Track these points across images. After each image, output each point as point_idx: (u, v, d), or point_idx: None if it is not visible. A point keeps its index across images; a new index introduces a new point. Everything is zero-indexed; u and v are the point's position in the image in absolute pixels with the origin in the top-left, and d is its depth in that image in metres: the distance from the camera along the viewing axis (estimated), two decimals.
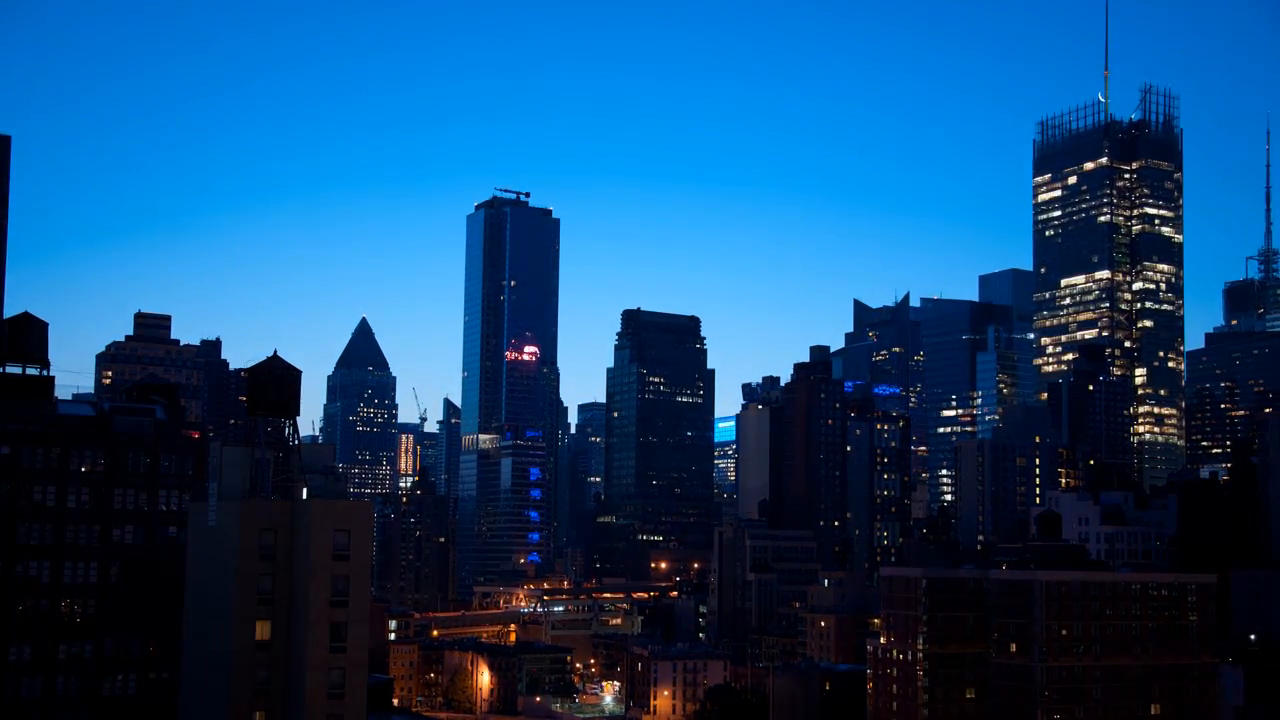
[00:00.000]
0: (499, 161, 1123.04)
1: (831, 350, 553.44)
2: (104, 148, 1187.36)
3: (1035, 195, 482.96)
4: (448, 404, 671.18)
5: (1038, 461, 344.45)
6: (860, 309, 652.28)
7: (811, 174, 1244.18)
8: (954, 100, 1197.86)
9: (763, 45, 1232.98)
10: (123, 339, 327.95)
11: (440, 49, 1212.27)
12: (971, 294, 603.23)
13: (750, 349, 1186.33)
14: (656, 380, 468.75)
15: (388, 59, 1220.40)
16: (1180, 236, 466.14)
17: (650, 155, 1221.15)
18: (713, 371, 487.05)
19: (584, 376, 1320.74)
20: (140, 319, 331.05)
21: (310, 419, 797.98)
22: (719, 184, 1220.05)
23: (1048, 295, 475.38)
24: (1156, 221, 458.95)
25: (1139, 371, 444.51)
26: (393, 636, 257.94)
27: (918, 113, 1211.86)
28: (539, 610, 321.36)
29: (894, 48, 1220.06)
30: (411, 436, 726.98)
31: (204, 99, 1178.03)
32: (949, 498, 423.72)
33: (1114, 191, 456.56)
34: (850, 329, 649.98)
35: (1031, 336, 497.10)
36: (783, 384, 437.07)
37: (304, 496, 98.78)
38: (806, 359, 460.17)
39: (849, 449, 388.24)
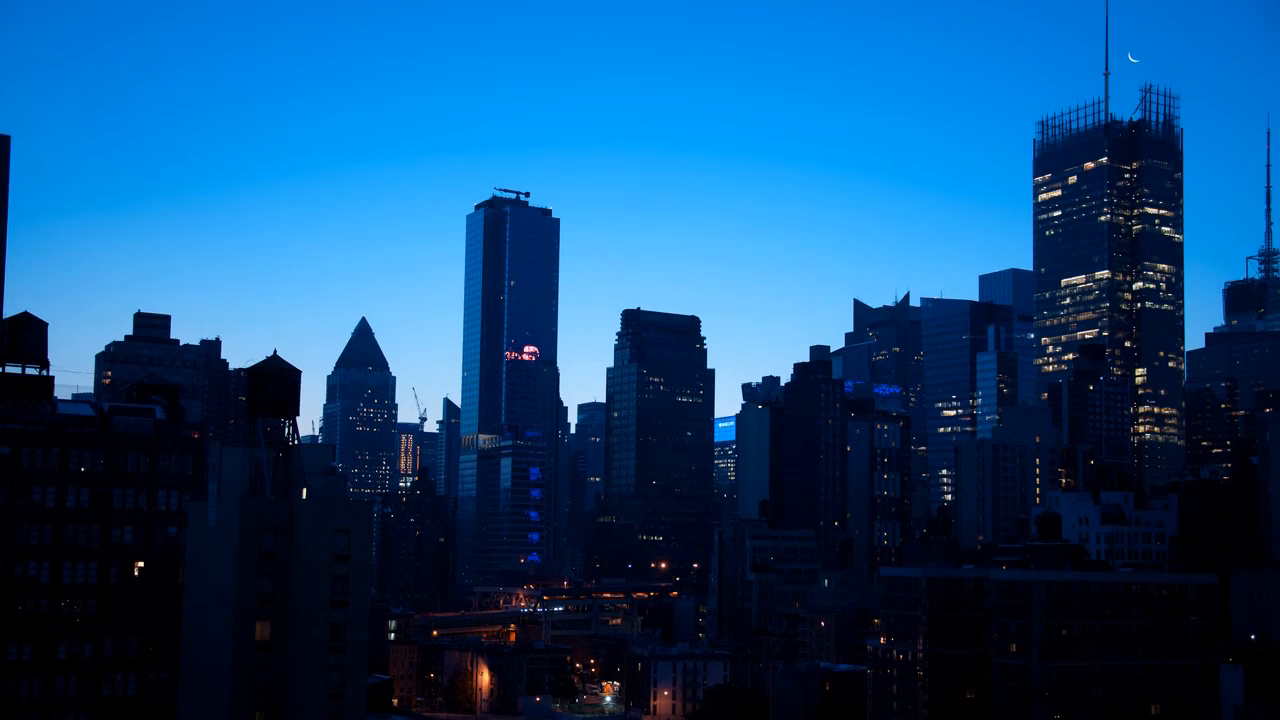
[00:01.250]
0: (499, 161, 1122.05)
1: (831, 350, 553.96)
2: (105, 148, 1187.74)
3: (1035, 195, 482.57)
4: (448, 404, 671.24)
5: (1038, 461, 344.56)
6: (860, 309, 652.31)
7: (811, 174, 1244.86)
8: (954, 100, 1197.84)
9: (761, 47, 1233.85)
10: (122, 339, 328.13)
11: (440, 49, 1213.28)
12: (971, 294, 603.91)
13: (750, 349, 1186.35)
14: (656, 380, 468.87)
15: (387, 59, 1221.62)
16: (1180, 236, 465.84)
17: (651, 155, 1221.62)
18: (713, 371, 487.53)
19: (584, 376, 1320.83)
20: (140, 319, 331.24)
21: (310, 419, 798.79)
22: (719, 184, 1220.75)
23: (1048, 295, 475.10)
24: (1156, 221, 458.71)
25: (1139, 371, 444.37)
26: (392, 636, 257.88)
27: (918, 112, 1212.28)
28: (539, 610, 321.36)
29: (894, 48, 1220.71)
30: (411, 436, 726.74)
31: (205, 100, 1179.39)
32: (949, 498, 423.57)
33: (1114, 191, 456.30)
34: (850, 329, 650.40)
35: (1031, 336, 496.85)
36: (783, 384, 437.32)
37: (304, 496, 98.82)
38: (806, 359, 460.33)
39: (849, 449, 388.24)
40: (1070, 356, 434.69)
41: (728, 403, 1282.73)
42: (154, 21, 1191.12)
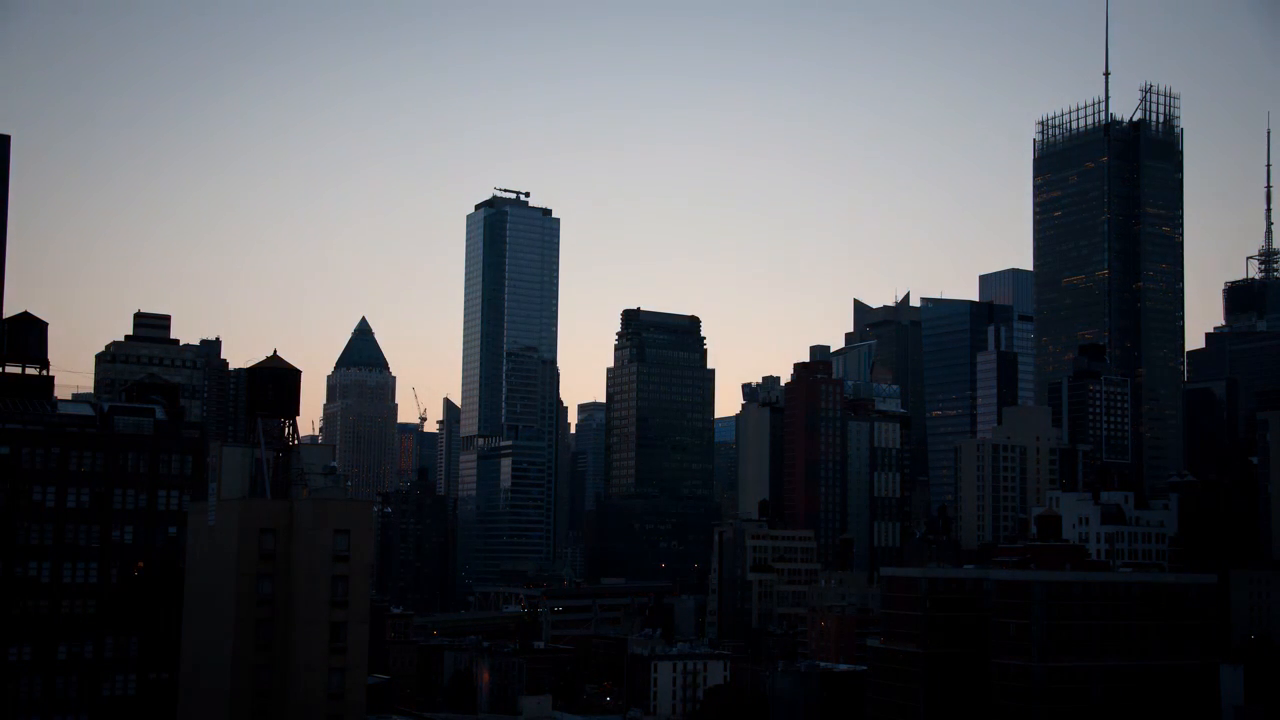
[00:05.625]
0: (499, 161, 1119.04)
1: (831, 350, 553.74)
2: (103, 147, 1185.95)
3: (1035, 195, 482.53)
4: (448, 404, 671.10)
5: (1038, 461, 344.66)
6: (860, 309, 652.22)
7: (811, 174, 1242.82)
8: (954, 100, 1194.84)
9: (760, 46, 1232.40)
10: (122, 339, 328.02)
11: (439, 49, 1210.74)
12: (971, 294, 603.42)
13: (750, 349, 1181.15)
14: (656, 380, 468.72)
15: (386, 59, 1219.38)
16: (1180, 236, 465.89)
17: (651, 155, 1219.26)
18: (713, 371, 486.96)
19: (584, 376, 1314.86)
20: (140, 319, 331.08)
21: (310, 419, 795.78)
22: (720, 184, 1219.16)
23: (1048, 295, 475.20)
24: (1156, 221, 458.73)
25: (1139, 371, 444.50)
26: (392, 636, 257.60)
27: (917, 112, 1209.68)
28: (538, 611, 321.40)
29: (893, 47, 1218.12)
30: (411, 436, 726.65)
31: (204, 99, 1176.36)
32: (949, 498, 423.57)
33: (1114, 191, 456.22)
34: (850, 329, 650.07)
35: (1031, 336, 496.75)
36: (783, 384, 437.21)
37: (304, 496, 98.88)
38: (806, 359, 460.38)
39: (849, 449, 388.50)
40: (1070, 357, 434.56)
41: (728, 403, 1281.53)
42: (154, 24, 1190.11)
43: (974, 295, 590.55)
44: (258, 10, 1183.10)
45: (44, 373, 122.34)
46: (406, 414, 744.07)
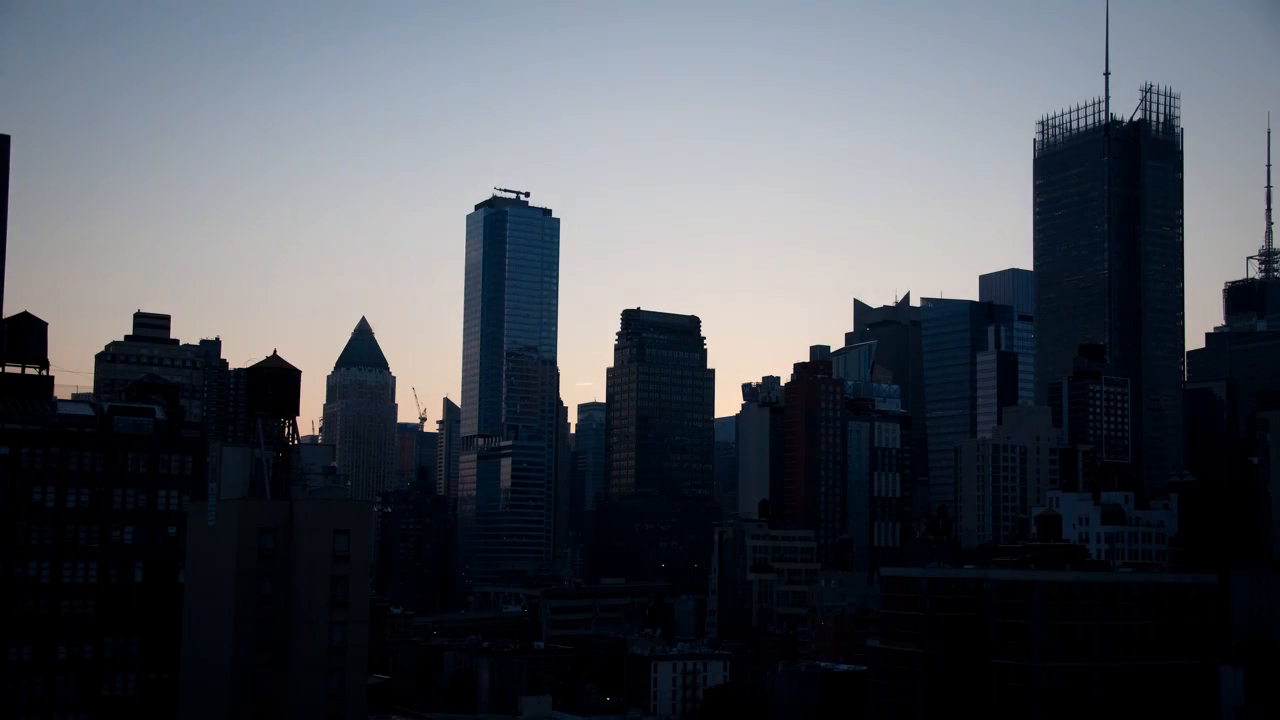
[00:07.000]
0: (499, 161, 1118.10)
1: (831, 350, 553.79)
2: (102, 147, 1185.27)
3: (1035, 195, 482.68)
4: (447, 404, 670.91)
5: (1038, 462, 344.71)
6: (860, 309, 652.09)
7: (811, 173, 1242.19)
8: (954, 100, 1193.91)
9: (759, 46, 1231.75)
10: (122, 339, 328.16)
11: (439, 49, 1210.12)
12: (972, 294, 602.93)
13: (750, 349, 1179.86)
14: (656, 380, 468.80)
15: (385, 56, 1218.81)
16: (1180, 236, 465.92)
17: (650, 154, 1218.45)
18: (713, 371, 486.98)
19: (584, 376, 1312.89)
20: (140, 319, 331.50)
21: (310, 419, 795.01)
22: (720, 183, 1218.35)
23: (1048, 295, 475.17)
24: (1156, 221, 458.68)
25: (1139, 371, 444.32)
26: (392, 636, 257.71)
27: (917, 112, 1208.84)
28: (538, 610, 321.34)
29: (892, 47, 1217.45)
30: (411, 436, 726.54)
31: (203, 99, 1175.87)
32: (949, 498, 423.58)
33: (1114, 191, 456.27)
34: (850, 329, 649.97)
35: (1031, 336, 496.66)
36: (783, 384, 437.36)
37: (304, 496, 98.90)
38: (806, 359, 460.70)
39: (849, 449, 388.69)
40: (1070, 356, 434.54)
41: (728, 403, 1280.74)
42: (154, 25, 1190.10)
43: (974, 295, 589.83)
44: (257, 10, 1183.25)
45: (44, 373, 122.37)
46: (406, 414, 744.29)
